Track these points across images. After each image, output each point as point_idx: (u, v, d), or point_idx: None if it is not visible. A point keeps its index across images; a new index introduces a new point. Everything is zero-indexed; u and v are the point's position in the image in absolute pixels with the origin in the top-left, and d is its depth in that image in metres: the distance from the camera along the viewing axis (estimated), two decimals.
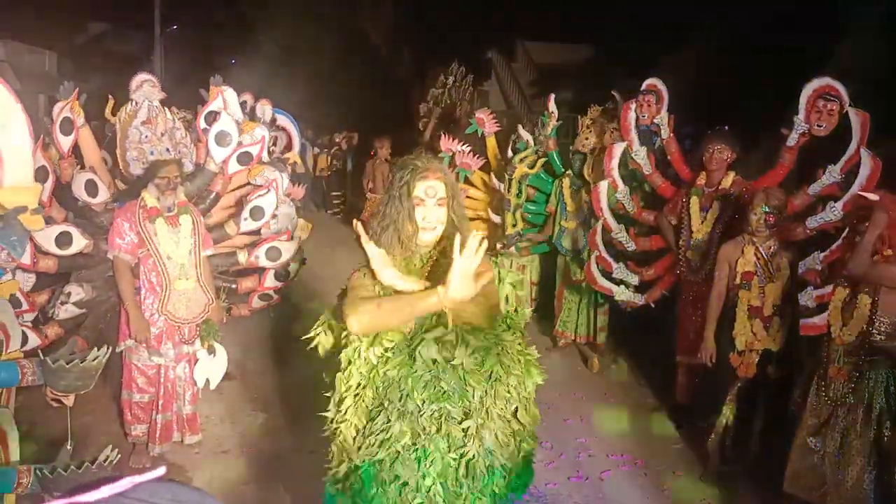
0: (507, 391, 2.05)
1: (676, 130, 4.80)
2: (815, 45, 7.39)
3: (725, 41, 8.79)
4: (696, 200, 4.41)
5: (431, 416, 1.99)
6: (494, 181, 6.04)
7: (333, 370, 2.13)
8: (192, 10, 18.33)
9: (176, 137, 4.10)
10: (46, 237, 3.68)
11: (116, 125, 4.22)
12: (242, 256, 4.37)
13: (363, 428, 2.06)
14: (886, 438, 2.96)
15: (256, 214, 4.29)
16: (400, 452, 2.00)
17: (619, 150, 4.76)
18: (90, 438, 3.85)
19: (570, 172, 5.62)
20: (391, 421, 2.00)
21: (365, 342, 2.00)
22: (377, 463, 2.03)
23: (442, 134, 6.75)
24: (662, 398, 4.84)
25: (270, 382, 4.93)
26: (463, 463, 2.02)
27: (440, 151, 6.22)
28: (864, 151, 3.75)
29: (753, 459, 3.79)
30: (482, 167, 6.31)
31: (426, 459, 2.01)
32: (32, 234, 3.29)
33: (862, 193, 3.07)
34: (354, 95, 18.18)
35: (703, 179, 4.40)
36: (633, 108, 4.66)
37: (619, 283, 4.86)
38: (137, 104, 4.13)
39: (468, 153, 6.14)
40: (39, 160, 3.41)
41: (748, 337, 3.68)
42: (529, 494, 3.57)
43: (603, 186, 4.79)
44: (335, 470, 2.14)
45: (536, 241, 6.03)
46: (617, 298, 4.90)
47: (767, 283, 3.66)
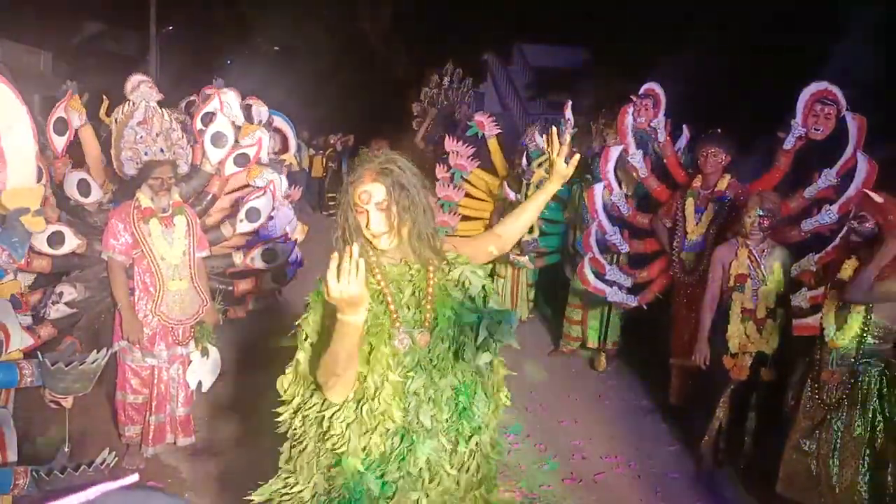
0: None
1: (672, 133, 4.82)
2: (812, 47, 7.41)
3: (722, 44, 8.81)
4: (691, 202, 4.45)
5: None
6: (507, 191, 5.79)
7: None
8: (187, 10, 18.30)
9: (172, 138, 4.08)
10: (39, 237, 3.66)
11: (111, 126, 4.20)
12: (238, 258, 4.36)
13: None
14: (880, 441, 2.97)
15: (252, 216, 4.28)
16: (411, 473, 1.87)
17: (615, 153, 4.79)
18: (88, 440, 3.82)
19: (588, 177, 5.51)
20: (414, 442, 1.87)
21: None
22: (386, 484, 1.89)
23: (445, 135, 6.71)
24: (656, 400, 4.86)
25: (264, 384, 4.90)
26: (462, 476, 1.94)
27: (429, 151, 6.18)
28: (860, 155, 3.78)
29: (747, 461, 3.80)
30: (487, 168, 6.27)
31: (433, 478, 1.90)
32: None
33: (868, 192, 3.06)
34: (351, 97, 18.17)
35: (698, 182, 4.44)
36: (630, 111, 4.68)
37: (611, 284, 4.88)
38: (134, 104, 4.12)
39: (463, 155, 6.10)
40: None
41: (742, 339, 3.70)
42: (523, 496, 3.58)
43: (598, 188, 4.80)
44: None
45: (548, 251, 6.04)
46: (609, 300, 4.91)
47: (761, 285, 3.68)
